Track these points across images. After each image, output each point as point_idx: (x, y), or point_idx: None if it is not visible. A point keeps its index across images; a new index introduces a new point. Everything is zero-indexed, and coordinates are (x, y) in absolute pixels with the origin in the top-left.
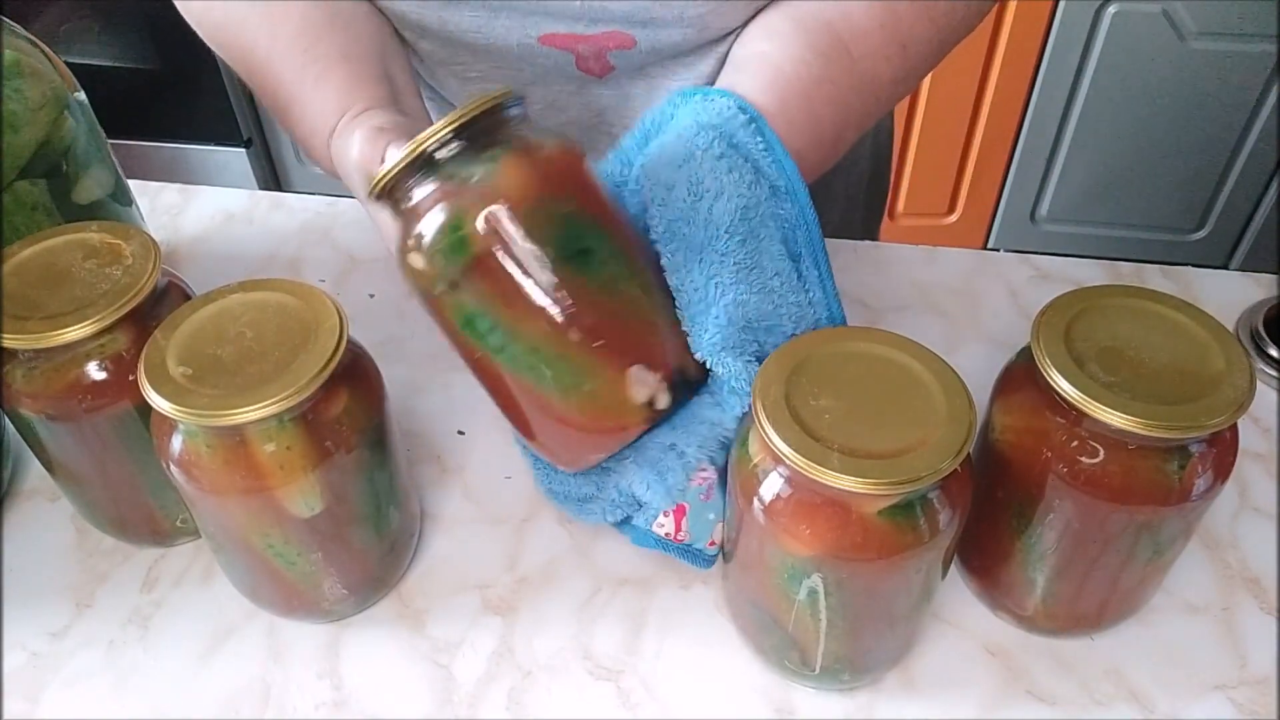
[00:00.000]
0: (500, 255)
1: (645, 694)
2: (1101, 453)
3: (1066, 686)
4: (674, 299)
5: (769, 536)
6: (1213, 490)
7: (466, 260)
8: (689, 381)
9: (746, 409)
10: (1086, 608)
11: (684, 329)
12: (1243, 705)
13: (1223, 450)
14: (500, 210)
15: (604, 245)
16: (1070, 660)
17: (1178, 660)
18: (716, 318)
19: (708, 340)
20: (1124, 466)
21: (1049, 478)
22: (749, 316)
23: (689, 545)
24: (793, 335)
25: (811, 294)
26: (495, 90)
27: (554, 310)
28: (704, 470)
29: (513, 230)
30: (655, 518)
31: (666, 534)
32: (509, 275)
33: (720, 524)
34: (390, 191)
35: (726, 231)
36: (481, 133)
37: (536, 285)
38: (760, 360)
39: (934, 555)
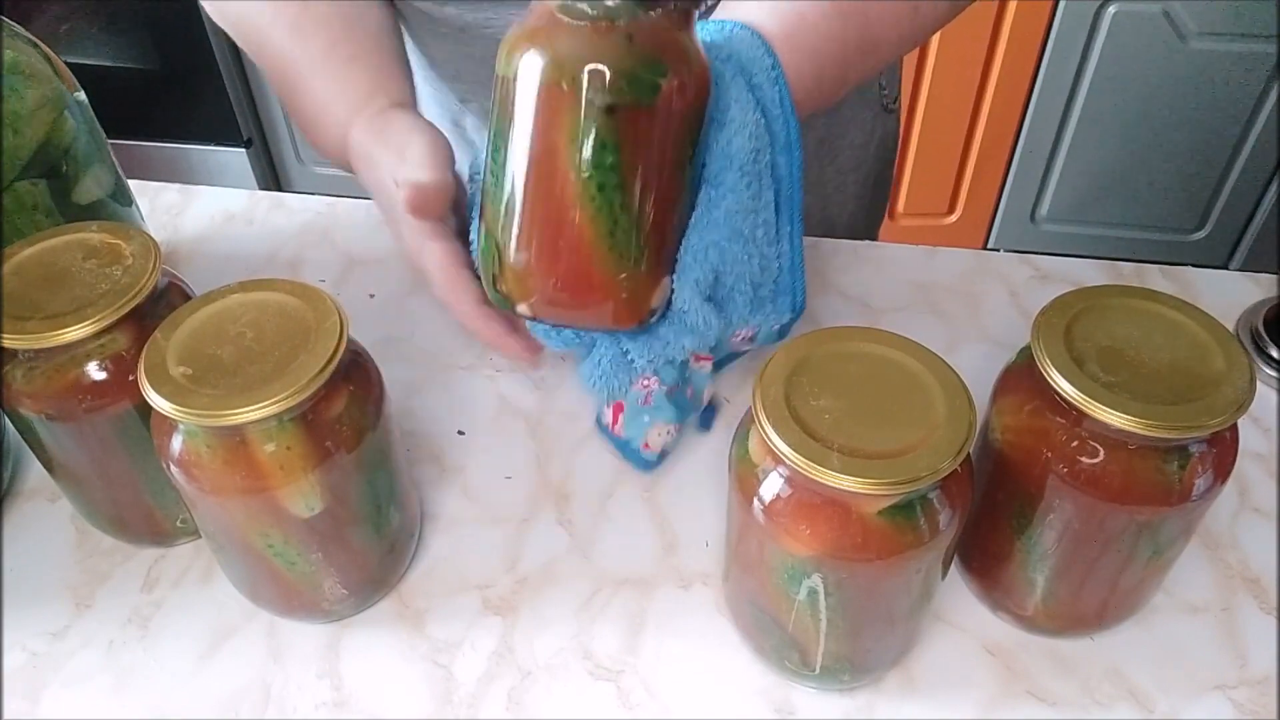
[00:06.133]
0: (666, 118)
1: (645, 694)
2: (1101, 453)
3: (1066, 686)
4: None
5: (769, 536)
6: (1213, 490)
7: (642, 101)
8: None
9: (696, 347)
10: (1086, 608)
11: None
12: (1243, 705)
13: (1223, 450)
14: (691, 89)
15: (696, 164)
16: (1070, 660)
17: (1178, 660)
18: (698, 253)
19: (686, 272)
20: (1124, 466)
21: (1049, 478)
22: (725, 262)
23: (626, 442)
24: (754, 286)
25: (781, 247)
26: None
27: (666, 189)
28: (646, 379)
29: (686, 111)
30: (600, 406)
31: (607, 424)
32: (659, 138)
33: (658, 429)
34: None
35: (740, 169)
36: (692, 16)
37: (669, 161)
38: (712, 299)
39: (934, 555)
